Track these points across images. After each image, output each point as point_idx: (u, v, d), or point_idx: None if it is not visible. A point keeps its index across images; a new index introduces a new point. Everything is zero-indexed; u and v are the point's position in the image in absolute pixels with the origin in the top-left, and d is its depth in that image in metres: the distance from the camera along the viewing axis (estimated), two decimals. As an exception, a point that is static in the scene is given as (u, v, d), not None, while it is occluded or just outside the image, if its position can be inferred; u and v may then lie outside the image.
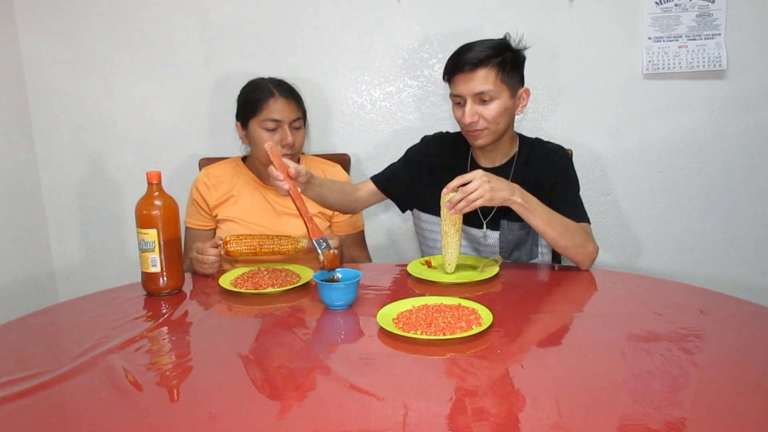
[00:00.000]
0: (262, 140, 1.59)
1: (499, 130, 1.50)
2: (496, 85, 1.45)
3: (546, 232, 1.39)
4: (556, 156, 1.57)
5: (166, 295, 1.34)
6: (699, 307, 1.22)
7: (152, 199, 1.32)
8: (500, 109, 1.47)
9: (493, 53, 1.45)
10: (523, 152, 1.58)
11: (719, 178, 2.05)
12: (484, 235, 1.58)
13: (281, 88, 1.63)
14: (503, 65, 1.45)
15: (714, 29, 1.94)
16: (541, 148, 1.59)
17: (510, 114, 1.51)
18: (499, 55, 1.45)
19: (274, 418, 0.83)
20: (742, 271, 2.09)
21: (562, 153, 1.58)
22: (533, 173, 1.55)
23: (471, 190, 1.30)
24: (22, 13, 2.07)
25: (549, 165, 1.55)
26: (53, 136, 2.15)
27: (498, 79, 1.45)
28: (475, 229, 1.59)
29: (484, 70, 1.44)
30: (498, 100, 1.46)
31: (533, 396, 0.86)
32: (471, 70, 1.45)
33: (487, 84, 1.44)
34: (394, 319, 1.12)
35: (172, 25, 2.06)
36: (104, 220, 2.21)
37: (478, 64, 1.44)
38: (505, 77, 1.46)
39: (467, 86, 1.46)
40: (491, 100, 1.46)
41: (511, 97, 1.48)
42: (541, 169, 1.55)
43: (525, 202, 1.35)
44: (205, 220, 1.69)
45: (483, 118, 1.47)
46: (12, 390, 0.91)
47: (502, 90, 1.46)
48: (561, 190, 1.52)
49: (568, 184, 1.54)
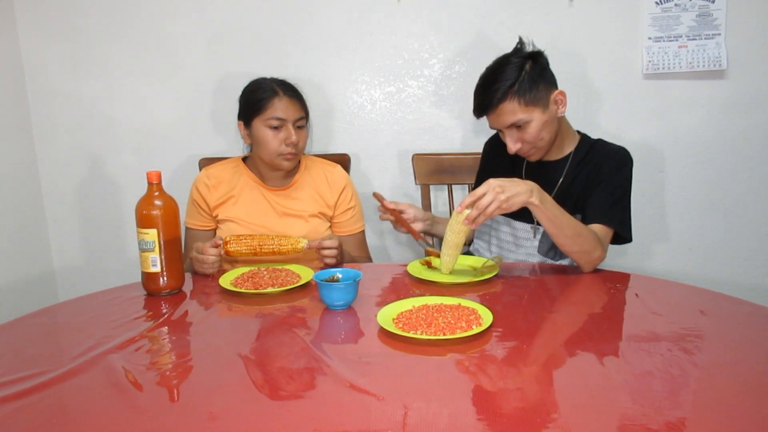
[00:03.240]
0: (267, 139, 1.59)
1: (545, 144, 1.51)
2: (524, 111, 1.45)
3: (555, 234, 1.39)
4: (615, 157, 1.53)
5: (166, 295, 1.34)
6: (699, 307, 1.22)
7: (152, 199, 1.32)
8: (537, 128, 1.46)
9: (510, 83, 1.43)
10: (581, 150, 1.57)
11: (719, 178, 2.05)
12: (534, 231, 1.57)
13: (285, 88, 1.63)
14: (522, 89, 1.43)
15: (714, 29, 1.94)
16: (602, 147, 1.57)
17: (551, 123, 1.49)
18: (515, 81, 1.43)
19: (274, 418, 0.83)
20: (742, 271, 2.09)
21: (622, 155, 1.54)
22: (587, 171, 1.53)
23: (485, 204, 1.30)
24: (22, 13, 2.07)
25: (603, 165, 1.52)
26: (53, 136, 2.15)
27: (523, 105, 1.44)
28: (525, 224, 1.58)
29: (506, 103, 1.45)
30: (532, 122, 1.46)
31: (533, 396, 0.86)
32: (495, 109, 1.46)
33: (514, 116, 1.45)
34: (394, 319, 1.12)
35: (173, 25, 2.06)
36: (104, 220, 2.21)
37: (498, 102, 1.45)
38: (529, 99, 1.44)
39: (497, 122, 1.49)
40: (526, 125, 1.46)
41: (544, 111, 1.46)
42: (596, 168, 1.53)
43: (541, 203, 1.34)
44: (205, 221, 1.69)
45: (524, 141, 1.49)
46: (12, 390, 0.91)
47: (532, 111, 1.45)
48: (599, 188, 1.49)
49: (610, 183, 1.50)
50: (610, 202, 1.49)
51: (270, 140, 1.59)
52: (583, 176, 1.54)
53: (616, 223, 1.48)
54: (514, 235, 1.61)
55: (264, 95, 1.60)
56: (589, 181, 1.52)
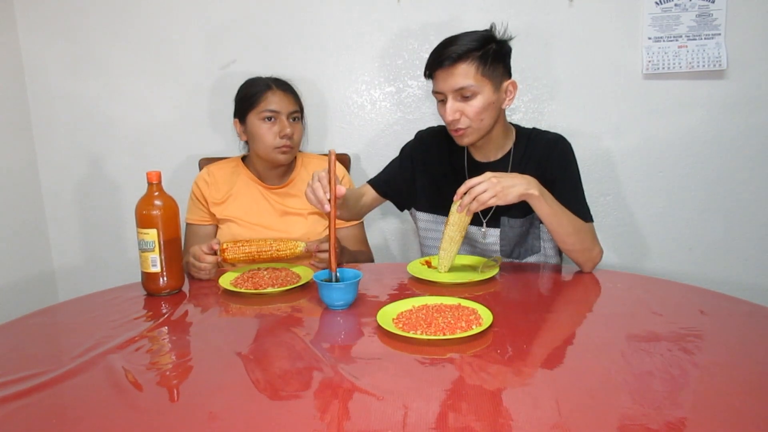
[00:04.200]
0: (261, 132, 1.60)
1: (483, 127, 1.45)
2: (477, 80, 1.39)
3: (557, 230, 1.36)
4: (556, 149, 1.50)
5: (166, 295, 1.34)
6: (699, 307, 1.22)
7: (152, 199, 1.32)
8: (483, 104, 1.41)
9: (474, 46, 1.39)
10: (520, 145, 1.53)
11: (719, 178, 2.05)
12: (483, 234, 1.55)
13: (278, 83, 1.66)
14: (485, 58, 1.39)
15: (714, 29, 1.94)
16: (540, 139, 1.53)
17: (495, 109, 1.44)
18: (480, 48, 1.39)
19: (274, 418, 0.83)
20: (742, 271, 2.09)
21: (562, 144, 1.51)
22: (532, 167, 1.47)
23: (480, 190, 1.27)
24: (22, 13, 2.07)
25: (549, 159, 1.49)
26: (53, 136, 2.15)
27: (479, 74, 1.39)
28: (473, 227, 1.55)
29: (463, 64, 1.39)
30: (480, 95, 1.40)
31: (533, 396, 0.86)
32: (450, 65, 1.39)
33: (467, 79, 1.39)
34: (394, 319, 1.12)
35: (172, 25, 2.06)
36: (104, 220, 2.21)
37: (457, 59, 1.38)
38: (486, 71, 1.39)
39: (447, 82, 1.41)
40: (473, 96, 1.40)
41: (494, 91, 1.42)
42: (541, 163, 1.49)
43: (542, 195, 1.31)
44: (205, 216, 1.70)
45: (465, 115, 1.42)
46: (12, 390, 0.91)
47: (484, 84, 1.40)
48: (562, 187, 1.45)
49: (569, 179, 1.48)
50: (575, 198, 1.46)
51: (264, 133, 1.60)
52: (529, 171, 1.43)
53: (590, 217, 1.46)
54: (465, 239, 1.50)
55: (257, 90, 1.63)
56: (538, 175, 1.39)
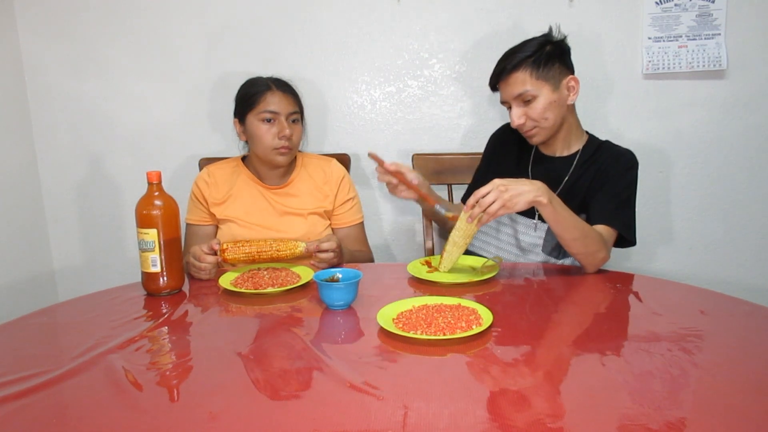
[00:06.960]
0: (260, 133, 1.60)
1: (549, 125, 1.51)
2: (533, 84, 1.47)
3: (561, 234, 1.38)
4: (621, 159, 1.54)
5: (166, 295, 1.34)
6: (699, 307, 1.22)
7: (152, 199, 1.32)
8: (544, 105, 1.48)
9: (525, 55, 1.47)
10: (589, 149, 1.58)
11: (719, 178, 2.05)
12: (534, 225, 1.57)
13: (278, 83, 1.65)
14: (537, 62, 1.47)
15: (714, 29, 1.94)
16: (609, 149, 1.57)
17: (558, 106, 1.50)
18: (531, 55, 1.47)
19: (274, 418, 0.83)
20: (742, 271, 2.09)
21: (628, 157, 1.54)
22: (593, 171, 1.53)
23: (488, 202, 1.29)
24: (22, 13, 2.07)
25: (609, 166, 1.53)
26: (53, 136, 2.15)
27: (533, 78, 1.47)
28: (525, 218, 1.58)
29: (518, 72, 1.48)
30: (540, 97, 1.48)
31: (533, 396, 0.86)
32: (507, 76, 1.49)
33: (524, 85, 1.47)
34: (394, 319, 1.12)
35: (172, 25, 2.06)
36: (104, 220, 2.21)
37: (512, 69, 1.48)
38: (541, 73, 1.47)
39: (507, 92, 1.51)
40: (533, 99, 1.48)
41: (554, 90, 1.49)
42: (602, 168, 1.53)
43: (549, 202, 1.33)
44: (205, 216, 1.69)
45: (530, 117, 1.50)
46: (12, 390, 0.91)
47: (541, 86, 1.48)
48: (604, 189, 1.49)
49: (615, 185, 1.50)
50: (615, 204, 1.49)
51: (263, 134, 1.60)
52: (589, 176, 1.54)
53: (620, 226, 1.48)
54: (515, 237, 1.61)
55: (257, 90, 1.62)
56: (595, 181, 1.52)
